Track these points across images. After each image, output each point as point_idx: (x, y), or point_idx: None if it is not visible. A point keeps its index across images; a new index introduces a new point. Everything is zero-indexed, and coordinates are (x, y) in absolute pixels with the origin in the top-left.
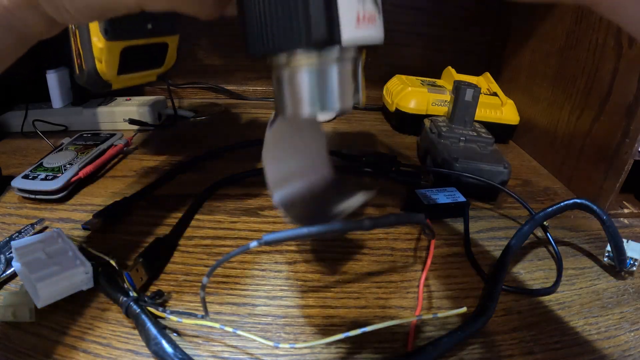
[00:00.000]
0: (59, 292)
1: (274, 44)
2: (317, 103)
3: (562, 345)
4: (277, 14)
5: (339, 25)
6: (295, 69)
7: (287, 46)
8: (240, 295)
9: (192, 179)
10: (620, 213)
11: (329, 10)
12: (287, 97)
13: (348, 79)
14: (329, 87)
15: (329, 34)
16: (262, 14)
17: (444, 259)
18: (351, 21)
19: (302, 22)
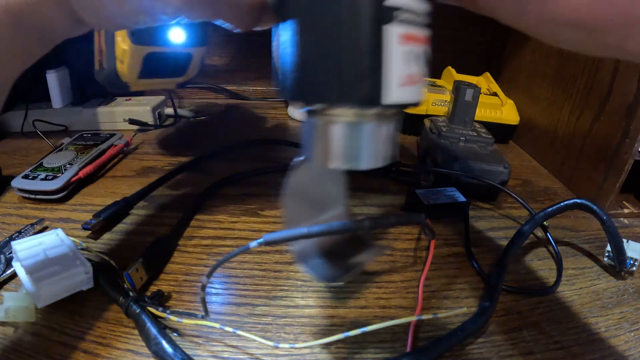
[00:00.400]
0: (59, 292)
1: (314, 93)
2: (347, 158)
3: (562, 345)
4: (324, 65)
5: (384, 85)
6: (331, 120)
7: (329, 99)
8: (240, 295)
9: (192, 179)
10: (620, 213)
11: (377, 69)
12: (318, 145)
13: (382, 138)
14: (363, 143)
15: (373, 93)
16: (307, 60)
17: (444, 259)
18: (396, 82)
19: (349, 78)
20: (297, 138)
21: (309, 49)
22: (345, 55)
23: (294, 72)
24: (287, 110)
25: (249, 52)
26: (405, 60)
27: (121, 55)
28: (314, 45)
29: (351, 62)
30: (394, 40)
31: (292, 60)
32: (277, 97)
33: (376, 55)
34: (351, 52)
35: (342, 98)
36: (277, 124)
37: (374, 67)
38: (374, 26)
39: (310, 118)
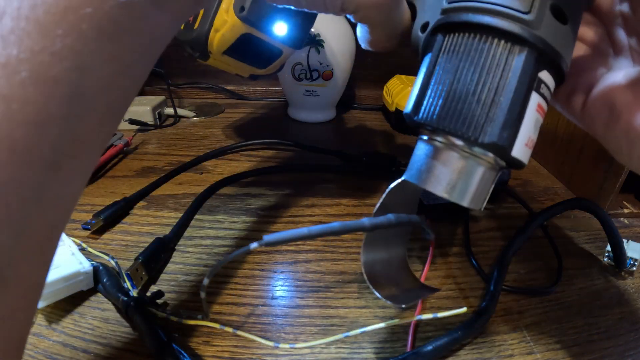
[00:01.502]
0: (59, 292)
1: (457, 127)
2: (458, 191)
3: (562, 345)
4: (475, 102)
5: (517, 140)
6: (455, 153)
7: (470, 137)
8: (240, 295)
9: (192, 179)
10: (620, 213)
11: (518, 125)
12: (431, 172)
13: (490, 185)
14: (475, 184)
15: (508, 143)
16: (458, 95)
17: (444, 259)
18: (523, 141)
19: (495, 122)
20: (297, 138)
21: (470, 85)
22: (499, 102)
23: (439, 100)
24: (287, 110)
25: None
26: (534, 126)
27: (220, 25)
28: (476, 83)
29: (502, 111)
30: (534, 106)
31: (440, 88)
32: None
33: (521, 113)
34: (505, 103)
35: (482, 138)
36: (277, 124)
37: (517, 121)
38: (528, 90)
39: (432, 144)
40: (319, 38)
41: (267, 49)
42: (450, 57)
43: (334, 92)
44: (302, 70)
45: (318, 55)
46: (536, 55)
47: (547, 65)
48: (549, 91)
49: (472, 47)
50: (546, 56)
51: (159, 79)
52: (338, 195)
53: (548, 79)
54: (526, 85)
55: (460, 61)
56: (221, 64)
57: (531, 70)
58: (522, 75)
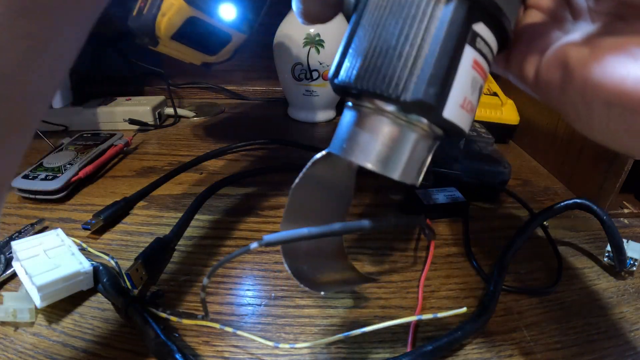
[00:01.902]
0: (59, 292)
1: (376, 85)
2: (385, 162)
3: (562, 345)
4: (396, 57)
5: (448, 99)
6: (382, 118)
7: (391, 95)
8: (240, 295)
9: (192, 179)
10: (620, 213)
11: (450, 80)
12: (357, 140)
13: (422, 155)
14: (405, 153)
15: (438, 102)
16: (379, 48)
17: (444, 259)
18: (458, 101)
19: (419, 77)
20: (297, 138)
21: (391, 39)
22: (423, 55)
23: (358, 58)
24: (287, 110)
25: (249, 52)
26: (471, 85)
27: (166, 9)
28: (397, 36)
29: (427, 64)
30: (468, 61)
31: (360, 46)
32: (332, 86)
33: (451, 67)
34: (431, 55)
35: (405, 96)
36: (277, 124)
37: (446, 76)
38: (459, 41)
39: (357, 110)
40: (319, 38)
41: (215, 34)
42: (373, 13)
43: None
44: (302, 70)
45: (318, 55)
46: (469, 5)
47: (484, 18)
48: (489, 48)
49: None
50: (482, 7)
51: (159, 79)
52: None
53: (486, 33)
54: (455, 36)
55: (382, 16)
56: (171, 51)
57: (461, 20)
58: (450, 25)
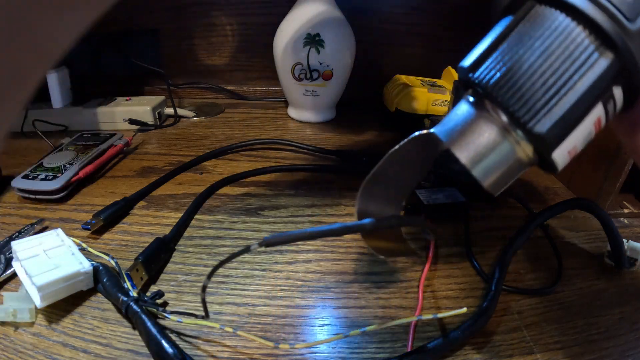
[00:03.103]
0: (59, 292)
1: (510, 102)
2: (479, 165)
3: (562, 345)
4: (540, 86)
5: (563, 143)
6: (496, 128)
7: (520, 117)
8: (240, 295)
9: (192, 179)
10: (620, 213)
11: (572, 127)
12: (464, 137)
13: (513, 174)
14: (503, 166)
15: (553, 142)
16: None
17: (444, 259)
18: (567, 147)
19: (551, 114)
20: (297, 138)
21: (543, 65)
22: (565, 96)
23: (504, 67)
24: (287, 110)
25: (249, 52)
26: (585, 138)
27: None
28: (549, 66)
29: (564, 106)
30: (594, 117)
31: (510, 55)
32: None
33: (580, 118)
34: (571, 99)
35: (532, 125)
36: (277, 124)
37: (573, 124)
38: (597, 98)
39: (478, 110)
40: (319, 38)
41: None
42: (532, 28)
43: (334, 92)
44: (302, 70)
45: (318, 55)
46: (620, 67)
47: (624, 82)
48: (614, 110)
49: (561, 27)
50: (628, 73)
51: (159, 79)
52: (338, 195)
53: (619, 96)
54: (598, 92)
55: (542, 36)
56: None
57: (609, 80)
58: (599, 80)
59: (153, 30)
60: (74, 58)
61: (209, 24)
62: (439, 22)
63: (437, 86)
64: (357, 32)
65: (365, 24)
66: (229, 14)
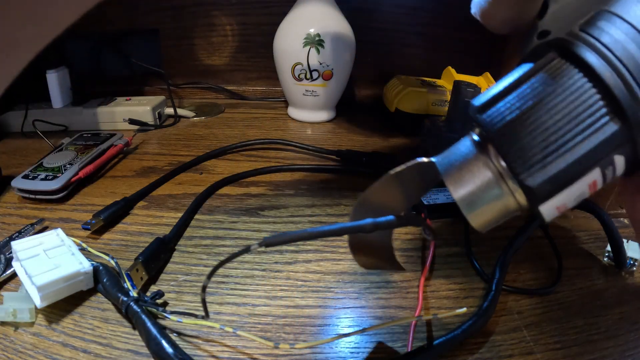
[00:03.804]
0: (59, 292)
1: (508, 150)
2: (469, 203)
3: (562, 345)
4: (540, 140)
5: (552, 198)
6: (490, 173)
7: (514, 167)
8: (240, 295)
9: (192, 179)
10: (620, 213)
11: (563, 187)
12: (459, 171)
13: (501, 217)
14: (492, 212)
15: (542, 197)
16: (531, 121)
17: (444, 259)
18: (557, 204)
19: (545, 170)
20: (297, 138)
21: (549, 120)
22: (563, 155)
23: (511, 114)
24: (287, 110)
25: (249, 52)
26: (577, 196)
27: None
28: (555, 122)
29: (559, 165)
30: (589, 180)
31: (520, 103)
32: (470, 111)
33: (574, 179)
34: (568, 160)
35: (523, 176)
36: (277, 124)
37: (565, 183)
38: (596, 162)
39: (478, 150)
40: (319, 38)
41: None
42: (548, 80)
43: (334, 92)
44: (302, 70)
45: (318, 55)
46: (626, 136)
47: (626, 151)
48: (612, 175)
49: (575, 86)
50: (633, 143)
51: (159, 79)
52: (338, 195)
53: (620, 164)
54: (598, 156)
55: (554, 92)
56: None
57: (612, 146)
58: (601, 145)
59: (153, 30)
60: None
61: (209, 24)
62: (439, 22)
63: (437, 86)
64: (357, 32)
65: (365, 24)
66: (229, 14)
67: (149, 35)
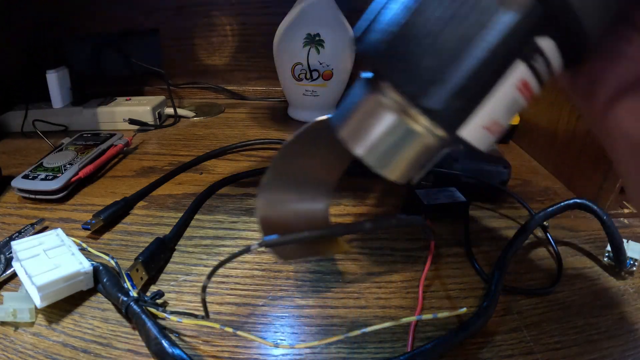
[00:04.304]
0: (59, 292)
1: (394, 70)
2: (375, 153)
3: (562, 345)
4: (431, 50)
5: (471, 118)
6: (388, 107)
7: (407, 90)
8: (240, 295)
9: (192, 179)
10: (620, 213)
11: (479, 99)
12: (354, 119)
13: (422, 159)
14: (402, 153)
15: (455, 119)
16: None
17: (444, 259)
18: (482, 122)
19: (446, 85)
20: None
21: (435, 23)
22: (462, 59)
23: (392, 31)
24: (287, 110)
25: (249, 52)
26: (508, 108)
27: None
28: (443, 23)
29: (461, 72)
30: (515, 80)
31: (402, 17)
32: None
33: (489, 84)
34: (470, 63)
35: (425, 101)
36: (277, 124)
37: (479, 93)
38: (510, 55)
39: (369, 88)
40: (319, 38)
41: None
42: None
43: (334, 92)
44: (302, 70)
45: (318, 55)
46: (540, 14)
47: (557, 33)
48: (547, 68)
49: None
50: (556, 19)
51: (159, 79)
52: (338, 195)
53: (550, 51)
54: (510, 45)
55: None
56: None
57: (525, 30)
58: (508, 35)
59: (153, 30)
60: (74, 58)
61: (209, 24)
62: None
63: None
64: None
65: None
66: (229, 14)
67: (149, 35)
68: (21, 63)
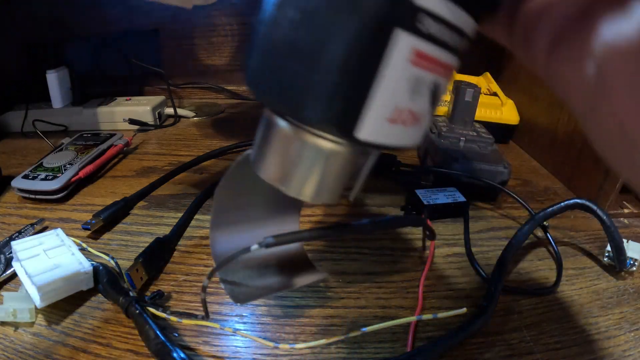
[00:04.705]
0: (59, 292)
1: (267, 93)
2: (289, 180)
3: (562, 345)
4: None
5: (366, 115)
6: (285, 129)
7: (286, 110)
8: None
9: (192, 179)
10: (620, 213)
11: (362, 90)
12: (262, 151)
13: (342, 174)
14: (315, 172)
15: (343, 121)
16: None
17: (444, 259)
18: (383, 115)
19: (316, 90)
20: None
21: (292, 28)
22: (323, 56)
23: (258, 53)
24: None
25: None
26: (410, 88)
27: None
28: (298, 25)
29: (326, 71)
30: (403, 55)
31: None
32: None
33: (367, 70)
34: (332, 56)
35: (301, 114)
36: None
37: (358, 85)
38: (379, 26)
39: (265, 116)
40: None
41: None
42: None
43: None
44: None
45: None
46: None
47: None
48: (449, 26)
49: None
50: None
51: (159, 79)
52: None
53: (438, 5)
54: (376, 20)
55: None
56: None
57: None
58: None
59: (153, 30)
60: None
61: (209, 24)
62: None
63: None
64: None
65: None
66: (229, 14)
67: (149, 35)
68: (21, 63)
